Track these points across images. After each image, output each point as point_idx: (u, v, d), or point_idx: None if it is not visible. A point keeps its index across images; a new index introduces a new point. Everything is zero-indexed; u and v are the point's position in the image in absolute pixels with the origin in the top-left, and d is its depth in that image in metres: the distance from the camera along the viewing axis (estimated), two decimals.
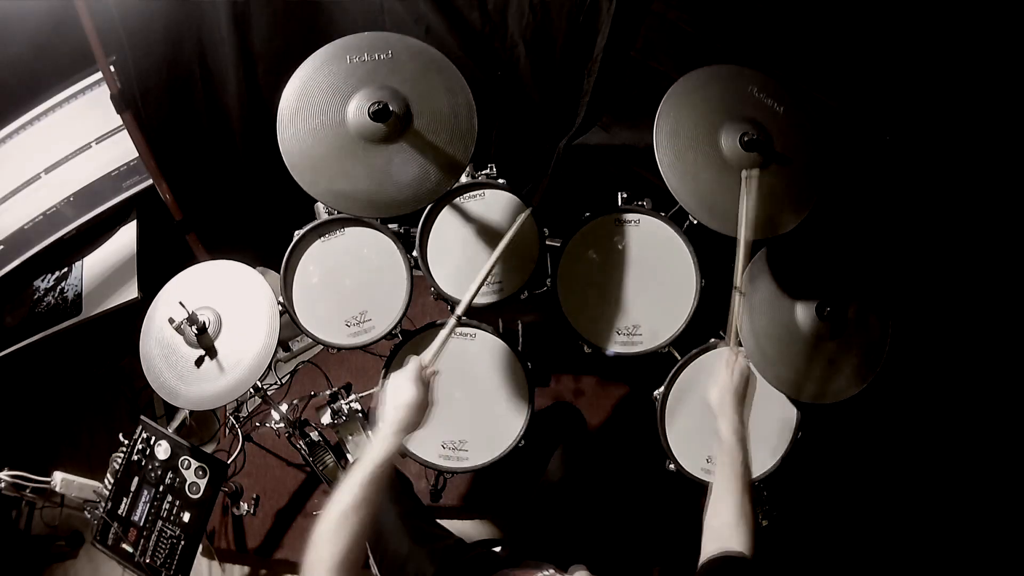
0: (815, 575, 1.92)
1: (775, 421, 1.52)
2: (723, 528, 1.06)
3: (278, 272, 1.58)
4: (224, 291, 1.55)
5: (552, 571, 1.07)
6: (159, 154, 1.87)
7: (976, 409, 1.86)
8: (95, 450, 2.24)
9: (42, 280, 2.05)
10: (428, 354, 1.18)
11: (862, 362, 1.45)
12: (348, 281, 1.60)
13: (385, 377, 1.59)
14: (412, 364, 1.14)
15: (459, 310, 1.23)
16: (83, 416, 2.34)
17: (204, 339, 1.48)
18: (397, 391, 1.11)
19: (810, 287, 1.46)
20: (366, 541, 1.03)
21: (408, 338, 1.61)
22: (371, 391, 1.69)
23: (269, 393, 1.89)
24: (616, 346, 1.60)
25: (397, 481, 1.53)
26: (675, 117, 1.39)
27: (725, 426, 1.18)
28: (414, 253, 1.60)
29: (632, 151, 1.85)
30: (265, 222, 1.99)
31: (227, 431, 2.24)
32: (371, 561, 1.34)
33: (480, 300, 1.60)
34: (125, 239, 2.03)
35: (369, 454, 1.05)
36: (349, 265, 1.60)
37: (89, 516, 1.68)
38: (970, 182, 1.63)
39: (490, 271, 1.26)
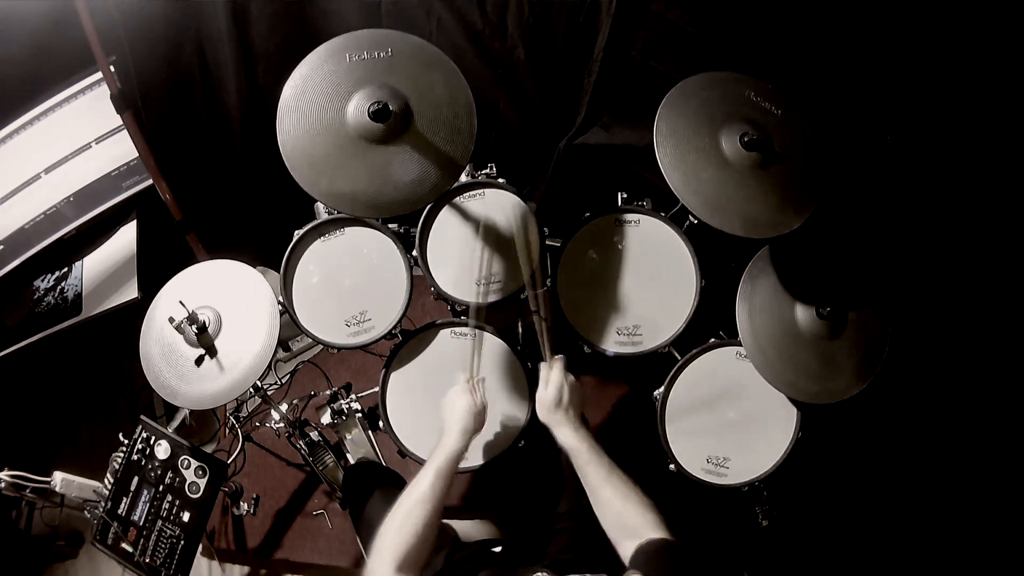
0: (815, 575, 1.92)
1: (775, 421, 1.52)
2: (620, 519, 1.09)
3: (278, 272, 1.58)
4: (224, 291, 1.55)
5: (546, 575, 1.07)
6: (159, 154, 1.87)
7: (976, 409, 1.85)
8: (95, 450, 2.24)
9: (42, 280, 2.05)
10: (469, 366, 1.39)
11: (862, 362, 1.45)
12: (348, 281, 1.60)
13: (386, 377, 1.59)
14: (461, 378, 1.32)
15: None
16: (83, 416, 2.34)
17: (204, 338, 1.48)
18: (454, 403, 1.28)
19: (810, 287, 1.46)
20: (432, 536, 1.12)
21: (408, 338, 1.61)
22: (371, 391, 1.69)
23: (269, 393, 1.90)
24: (616, 346, 1.60)
25: (393, 487, 1.53)
26: (675, 118, 1.39)
27: (561, 434, 1.23)
28: (414, 253, 1.60)
29: (632, 151, 1.85)
30: (265, 222, 1.99)
31: (227, 431, 2.24)
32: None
33: (479, 300, 1.60)
34: (125, 239, 2.03)
35: (438, 454, 1.20)
36: (349, 265, 1.60)
37: (89, 516, 1.68)
38: (970, 182, 1.63)
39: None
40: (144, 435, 1.65)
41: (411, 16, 1.73)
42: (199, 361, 1.49)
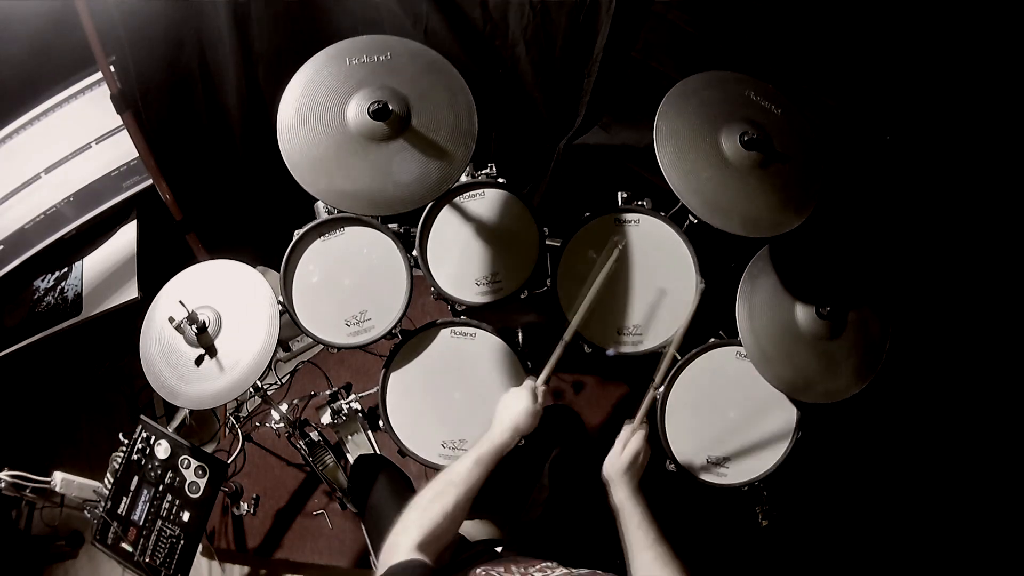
0: (815, 575, 1.92)
1: (775, 421, 1.52)
2: None
3: (278, 272, 1.58)
4: (224, 291, 1.55)
5: (554, 565, 1.07)
6: (159, 154, 1.87)
7: (976, 409, 1.85)
8: (95, 450, 2.24)
9: (42, 280, 2.05)
10: (543, 375, 1.36)
11: (862, 362, 1.45)
12: (348, 281, 1.60)
13: (386, 377, 1.59)
14: (528, 381, 1.32)
15: (567, 335, 1.43)
16: (83, 416, 2.34)
17: (204, 338, 1.48)
18: (513, 400, 1.28)
19: (810, 287, 1.46)
20: (459, 519, 1.12)
21: (408, 338, 1.61)
22: (371, 391, 1.69)
23: (269, 393, 1.90)
24: (616, 346, 1.60)
25: (400, 479, 1.53)
26: (675, 118, 1.39)
27: (619, 494, 1.24)
28: (414, 252, 1.60)
29: (632, 151, 1.85)
30: (265, 222, 1.99)
31: (227, 431, 2.24)
32: (372, 558, 1.35)
33: (479, 300, 1.61)
34: (125, 239, 2.03)
35: (482, 442, 1.21)
36: (349, 265, 1.60)
37: (89, 516, 1.68)
38: (970, 182, 1.63)
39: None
40: (144, 435, 1.65)
41: (411, 16, 1.73)
42: (199, 361, 1.49)
